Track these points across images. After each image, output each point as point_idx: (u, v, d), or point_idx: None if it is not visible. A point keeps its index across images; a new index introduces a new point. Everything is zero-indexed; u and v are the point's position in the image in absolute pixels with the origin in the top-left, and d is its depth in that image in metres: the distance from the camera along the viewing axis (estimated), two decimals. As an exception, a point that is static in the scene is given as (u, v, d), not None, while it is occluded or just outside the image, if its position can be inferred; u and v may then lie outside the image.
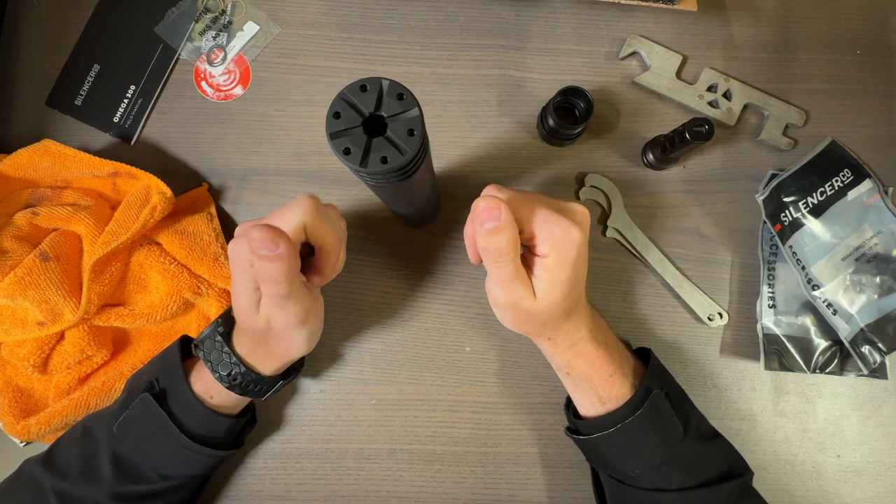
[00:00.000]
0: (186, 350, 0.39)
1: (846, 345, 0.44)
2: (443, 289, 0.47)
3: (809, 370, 0.45)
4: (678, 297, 0.47)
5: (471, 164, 0.48)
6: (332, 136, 0.27)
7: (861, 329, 0.43)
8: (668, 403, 0.36)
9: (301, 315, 0.34)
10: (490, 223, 0.29)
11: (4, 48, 0.49)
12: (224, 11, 0.49)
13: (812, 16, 0.50)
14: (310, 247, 0.35)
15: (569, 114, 0.47)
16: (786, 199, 0.46)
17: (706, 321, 0.47)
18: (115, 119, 0.48)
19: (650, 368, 0.38)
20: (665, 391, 0.37)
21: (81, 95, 0.48)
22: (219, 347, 0.36)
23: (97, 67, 0.49)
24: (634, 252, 0.47)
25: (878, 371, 0.45)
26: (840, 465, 0.46)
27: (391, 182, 0.29)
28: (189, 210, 0.46)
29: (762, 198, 0.47)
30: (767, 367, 0.45)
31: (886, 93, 0.50)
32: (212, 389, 0.37)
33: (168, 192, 0.43)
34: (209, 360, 0.36)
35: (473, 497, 0.46)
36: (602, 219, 0.48)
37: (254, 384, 0.37)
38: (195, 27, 0.49)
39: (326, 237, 0.34)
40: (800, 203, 0.46)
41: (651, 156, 0.47)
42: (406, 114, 0.27)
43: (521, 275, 0.32)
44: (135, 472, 0.36)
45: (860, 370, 0.44)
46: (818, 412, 0.47)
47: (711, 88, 0.49)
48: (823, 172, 0.46)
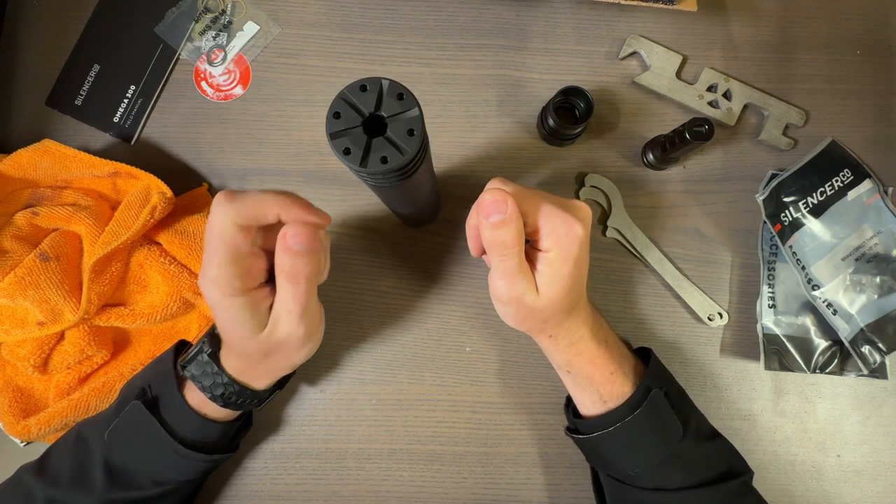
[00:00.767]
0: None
1: (846, 345, 0.44)
2: (443, 289, 0.47)
3: (809, 370, 0.45)
4: (678, 297, 0.47)
5: (471, 164, 0.48)
6: (332, 136, 0.27)
7: (861, 329, 0.43)
8: (668, 403, 0.36)
9: (313, 327, 0.33)
10: (496, 216, 0.29)
11: (4, 48, 0.49)
12: (224, 11, 0.49)
13: (812, 16, 0.50)
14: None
15: (569, 114, 0.47)
16: (786, 199, 0.46)
17: (706, 321, 0.47)
18: (115, 119, 0.48)
19: (650, 368, 0.38)
20: (665, 390, 0.37)
21: (81, 95, 0.48)
22: (209, 370, 0.35)
23: (97, 67, 0.49)
24: (634, 252, 0.47)
25: (878, 371, 0.45)
26: (840, 465, 0.46)
27: (391, 182, 0.29)
28: (189, 210, 0.46)
29: (762, 198, 0.47)
30: (767, 367, 0.45)
31: (886, 93, 0.50)
32: (204, 403, 0.36)
33: (168, 192, 0.43)
34: (199, 382, 0.35)
35: (473, 497, 0.46)
36: (602, 219, 0.48)
37: (249, 399, 0.36)
38: (195, 27, 0.49)
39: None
40: (800, 203, 0.46)
41: (651, 156, 0.47)
42: (406, 114, 0.27)
43: (525, 269, 0.32)
44: (128, 479, 0.36)
45: (860, 370, 0.44)
46: (818, 412, 0.47)
47: (711, 88, 0.49)
48: (823, 172, 0.46)
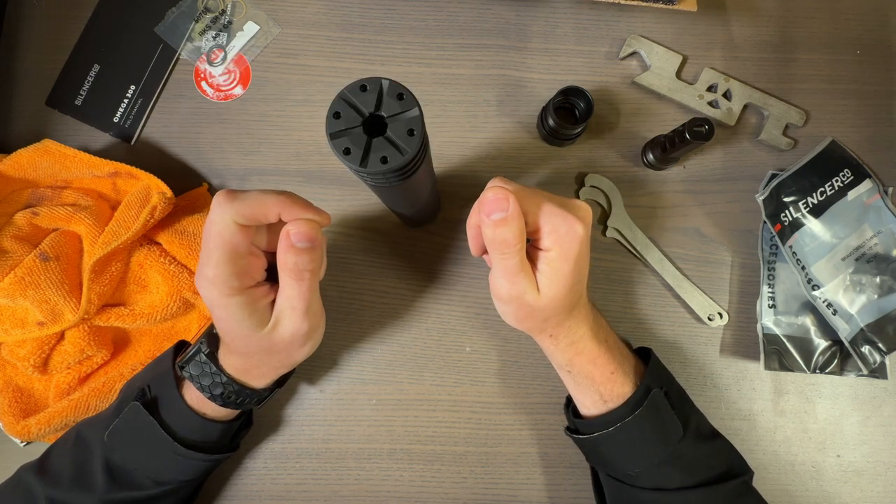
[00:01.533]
0: None
1: (846, 345, 0.44)
2: (443, 289, 0.47)
3: (809, 370, 0.45)
4: (678, 297, 0.47)
5: (471, 164, 0.48)
6: (332, 136, 0.27)
7: (861, 329, 0.43)
8: (668, 403, 0.36)
9: (315, 323, 0.33)
10: (498, 213, 0.29)
11: (4, 48, 0.49)
12: (224, 11, 0.49)
13: (812, 16, 0.50)
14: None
15: (569, 114, 0.47)
16: (786, 199, 0.46)
17: (706, 321, 0.47)
18: (115, 119, 0.48)
19: (650, 367, 0.38)
20: (665, 390, 0.37)
21: (81, 95, 0.48)
22: (207, 370, 0.35)
23: (97, 67, 0.49)
24: (634, 252, 0.47)
25: (878, 371, 0.45)
26: (840, 465, 0.46)
27: (391, 182, 0.29)
28: (189, 210, 0.46)
29: (762, 198, 0.47)
30: (767, 367, 0.45)
31: (886, 93, 0.50)
32: (204, 402, 0.36)
33: (168, 192, 0.43)
34: (198, 382, 0.35)
35: (473, 497, 0.46)
36: (602, 219, 0.48)
37: (248, 398, 0.36)
38: (195, 27, 0.49)
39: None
40: (800, 203, 0.46)
41: (651, 156, 0.47)
42: (406, 114, 0.27)
43: (526, 268, 0.32)
44: (128, 479, 0.36)
45: (860, 370, 0.44)
46: (818, 412, 0.47)
47: (711, 88, 0.49)
48: (823, 172, 0.46)
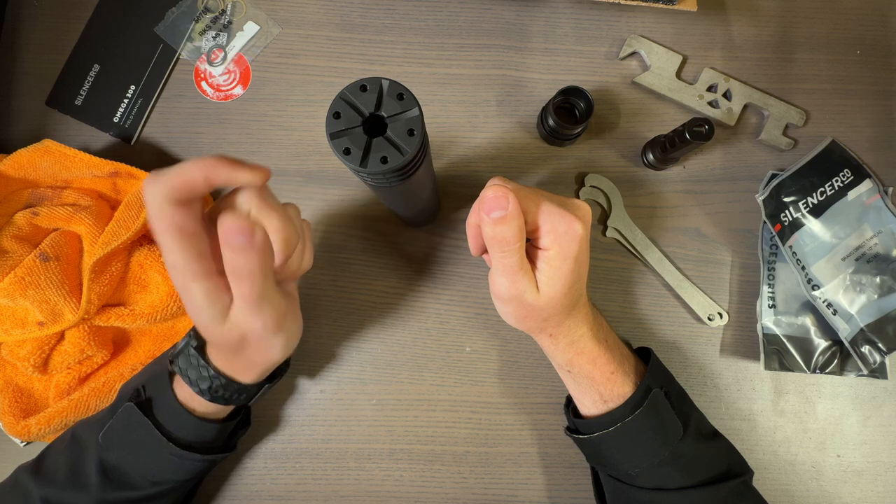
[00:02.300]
0: None
1: (846, 345, 0.44)
2: (443, 289, 0.47)
3: (809, 370, 0.45)
4: (678, 297, 0.47)
5: (471, 164, 0.48)
6: (332, 136, 0.27)
7: (861, 329, 0.43)
8: (668, 403, 0.36)
9: (277, 318, 0.31)
10: (498, 212, 0.29)
11: (4, 48, 0.49)
12: (224, 11, 0.49)
13: (812, 16, 0.50)
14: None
15: (569, 114, 0.47)
16: (786, 199, 0.46)
17: (706, 321, 0.47)
18: (115, 119, 0.48)
19: (650, 367, 0.38)
20: (665, 390, 0.37)
21: (81, 95, 0.48)
22: (195, 363, 0.34)
23: (97, 67, 0.49)
24: (634, 252, 0.47)
25: (878, 371, 0.45)
26: (840, 465, 0.46)
27: (391, 182, 0.29)
28: (189, 210, 0.46)
29: (762, 198, 0.47)
30: (767, 367, 0.45)
31: (886, 93, 0.50)
32: (195, 399, 0.36)
33: (168, 192, 0.43)
34: (186, 377, 0.34)
35: (473, 497, 0.46)
36: (602, 219, 0.48)
37: (237, 394, 0.36)
38: (195, 27, 0.49)
39: (275, 229, 0.30)
40: (800, 203, 0.46)
41: (651, 156, 0.47)
42: (406, 114, 0.27)
43: (526, 266, 0.32)
44: (123, 480, 0.36)
45: (860, 370, 0.44)
46: (818, 412, 0.47)
47: (711, 88, 0.49)
48: (823, 172, 0.46)
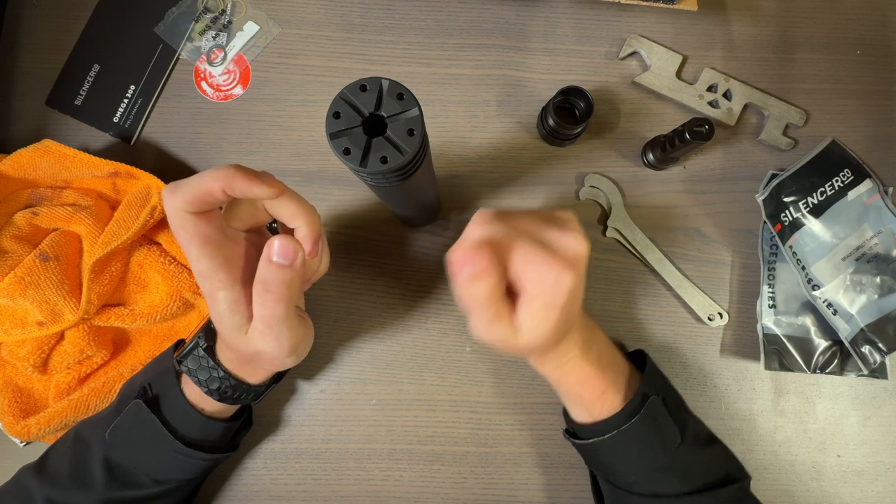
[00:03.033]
0: None
1: (846, 345, 0.44)
2: (443, 289, 0.47)
3: (809, 370, 0.45)
4: (678, 297, 0.47)
5: (471, 164, 0.48)
6: (332, 136, 0.27)
7: (861, 329, 0.43)
8: (665, 410, 0.36)
9: (293, 344, 0.31)
10: (468, 268, 0.27)
11: (4, 48, 0.49)
12: (224, 11, 0.49)
13: (812, 16, 0.50)
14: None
15: (569, 114, 0.47)
16: (786, 199, 0.46)
17: (706, 321, 0.46)
18: (115, 119, 0.48)
19: (647, 373, 0.38)
20: (662, 397, 0.37)
21: (81, 95, 0.48)
22: (205, 364, 0.35)
23: (97, 67, 0.49)
24: (634, 252, 0.47)
25: (879, 371, 0.45)
26: (840, 466, 0.46)
27: (391, 182, 0.29)
28: (189, 210, 0.46)
29: (762, 198, 0.47)
30: (767, 367, 0.45)
31: (886, 93, 0.50)
32: (201, 398, 0.36)
33: (168, 192, 0.43)
34: (196, 377, 0.35)
35: (473, 497, 0.45)
36: (602, 219, 0.48)
37: (245, 393, 0.36)
38: (195, 27, 0.49)
39: (298, 213, 0.29)
40: (800, 203, 0.46)
41: (651, 156, 0.47)
42: (406, 114, 0.27)
43: (503, 314, 0.29)
44: (128, 478, 0.36)
45: (860, 370, 0.44)
46: (818, 412, 0.47)
47: (711, 88, 0.49)
48: (823, 172, 0.46)
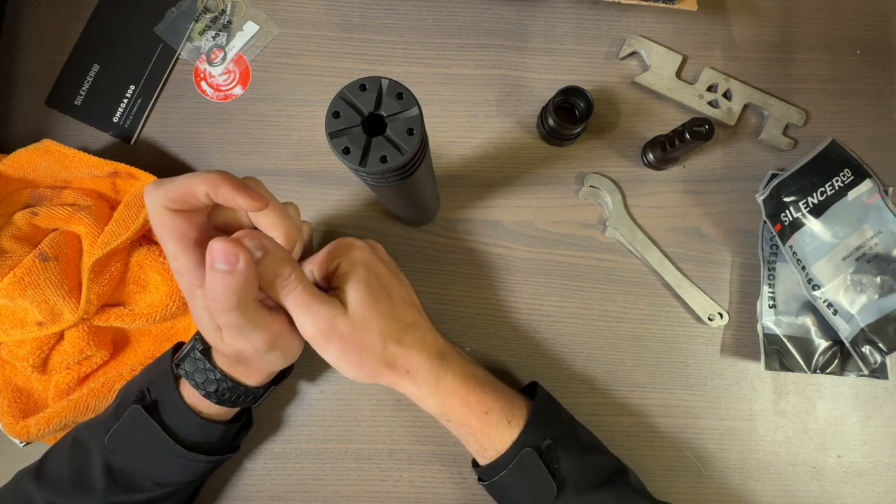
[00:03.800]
0: None
1: (847, 345, 0.44)
2: (443, 289, 0.47)
3: (810, 370, 0.45)
4: (678, 297, 0.47)
5: (471, 164, 0.48)
6: (332, 136, 0.27)
7: (861, 329, 0.43)
8: (541, 462, 0.35)
9: (268, 341, 0.30)
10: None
11: (4, 48, 0.49)
12: (224, 11, 0.49)
13: (812, 16, 0.50)
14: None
15: (569, 114, 0.47)
16: (786, 199, 0.46)
17: (706, 321, 0.46)
18: (115, 119, 0.48)
19: (532, 414, 0.36)
20: (547, 442, 0.35)
21: (81, 95, 0.48)
22: (201, 366, 0.35)
23: (97, 67, 0.49)
24: (634, 252, 0.47)
25: (879, 371, 0.45)
26: (841, 466, 0.46)
27: (391, 182, 0.29)
28: (189, 210, 0.46)
29: (762, 198, 0.47)
30: (768, 367, 0.45)
31: (886, 93, 0.50)
32: (202, 402, 0.36)
33: (168, 192, 0.42)
34: (193, 380, 0.35)
35: (473, 497, 0.45)
36: (602, 219, 0.48)
37: (243, 396, 0.36)
38: (195, 27, 0.49)
39: (277, 224, 0.29)
40: (800, 203, 0.46)
41: (651, 156, 0.47)
42: (405, 113, 0.27)
43: (320, 294, 0.30)
44: (128, 482, 0.36)
45: (861, 370, 0.44)
46: (819, 412, 0.47)
47: (711, 88, 0.49)
48: (823, 172, 0.46)
